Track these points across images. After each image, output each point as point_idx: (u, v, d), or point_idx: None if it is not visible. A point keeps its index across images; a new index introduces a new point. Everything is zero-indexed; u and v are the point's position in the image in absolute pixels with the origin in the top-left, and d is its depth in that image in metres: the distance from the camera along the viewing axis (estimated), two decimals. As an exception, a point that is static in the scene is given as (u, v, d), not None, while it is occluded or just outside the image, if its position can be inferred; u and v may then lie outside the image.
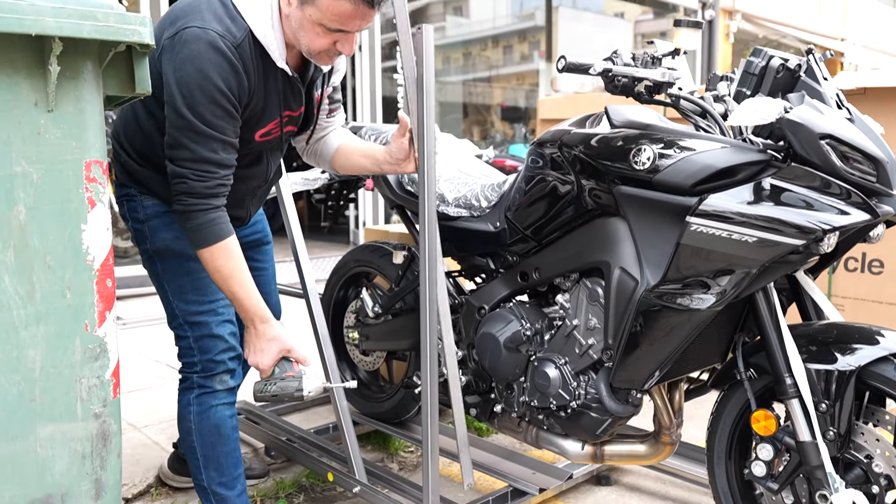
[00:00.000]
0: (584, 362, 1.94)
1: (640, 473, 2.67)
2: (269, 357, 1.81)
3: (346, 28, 1.68)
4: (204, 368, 1.91)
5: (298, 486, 2.59)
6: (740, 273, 1.62)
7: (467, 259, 2.34)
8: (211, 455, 1.90)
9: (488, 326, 2.14)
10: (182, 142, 1.66)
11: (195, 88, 1.62)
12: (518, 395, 2.11)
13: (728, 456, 1.88)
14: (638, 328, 1.77)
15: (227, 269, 1.78)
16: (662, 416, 1.97)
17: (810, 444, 1.62)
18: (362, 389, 2.93)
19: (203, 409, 1.90)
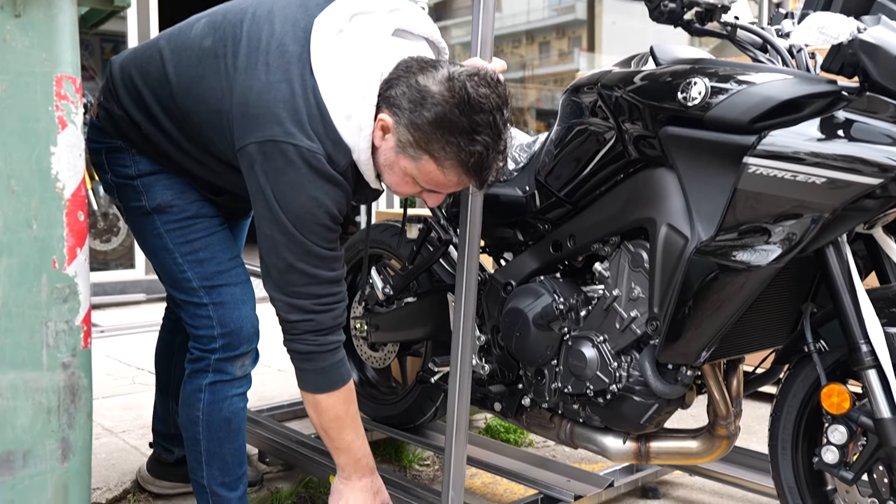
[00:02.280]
0: (625, 339, 1.94)
1: (694, 487, 2.64)
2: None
3: (439, 190, 1.74)
4: (226, 346, 1.88)
5: (297, 497, 2.60)
6: (806, 220, 1.61)
7: (492, 231, 2.35)
8: (217, 451, 1.90)
9: (516, 302, 2.15)
10: (299, 267, 1.69)
11: (306, 214, 1.66)
12: (550, 382, 2.11)
13: (794, 444, 1.86)
14: (688, 293, 1.77)
15: (349, 415, 1.83)
16: (718, 405, 1.96)
17: (890, 420, 1.60)
18: (370, 390, 2.94)
19: (216, 400, 1.89)
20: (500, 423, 3.13)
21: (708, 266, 1.73)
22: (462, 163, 1.63)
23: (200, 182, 1.89)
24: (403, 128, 1.64)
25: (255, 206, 1.70)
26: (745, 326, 1.87)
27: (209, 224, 1.90)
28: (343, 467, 1.87)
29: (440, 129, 1.60)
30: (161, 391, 2.43)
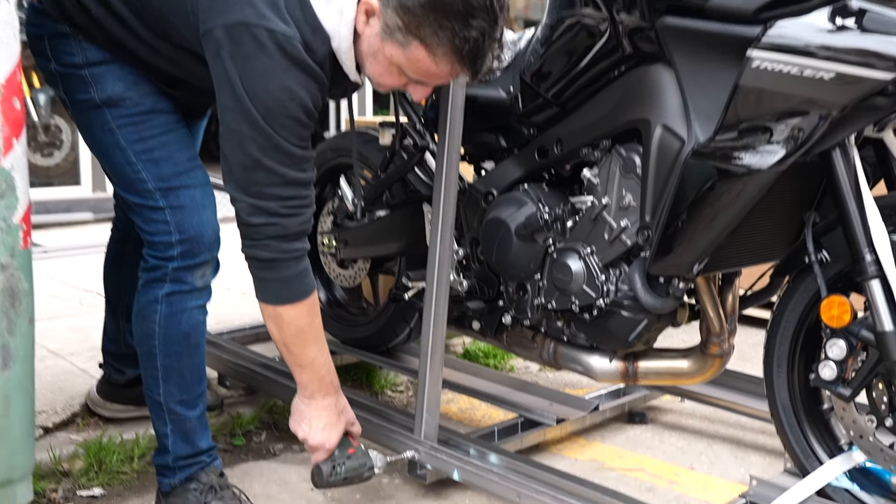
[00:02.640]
0: (614, 250, 1.95)
1: (683, 412, 2.70)
2: (338, 433, 1.90)
3: (427, 81, 1.69)
4: (185, 254, 1.86)
5: (260, 422, 2.63)
6: (813, 119, 1.61)
7: (473, 136, 2.33)
8: (174, 367, 1.90)
9: (497, 212, 2.14)
10: (266, 164, 1.66)
11: (278, 106, 1.63)
12: (532, 298, 2.12)
13: (790, 362, 1.90)
14: (683, 200, 1.77)
15: (312, 329, 1.83)
16: (712, 322, 1.99)
17: (892, 333, 1.63)
18: (339, 311, 2.95)
19: (174, 312, 1.88)
20: (478, 348, 3.17)
21: (705, 170, 1.73)
22: (456, 50, 1.60)
23: (156, 73, 1.85)
24: (391, 11, 1.60)
25: (219, 97, 1.67)
26: (743, 237, 1.88)
27: (165, 120, 1.86)
28: (305, 386, 1.88)
29: (433, 11, 1.56)
30: (111, 307, 2.42)
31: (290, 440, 2.55)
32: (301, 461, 2.35)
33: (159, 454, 1.96)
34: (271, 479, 2.22)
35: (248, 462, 2.36)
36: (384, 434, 2.15)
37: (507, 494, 1.89)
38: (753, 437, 2.50)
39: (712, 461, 2.36)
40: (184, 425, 1.92)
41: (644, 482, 2.23)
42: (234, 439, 2.53)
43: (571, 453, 2.40)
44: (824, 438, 1.90)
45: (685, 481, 2.23)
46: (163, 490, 1.95)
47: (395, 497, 2.14)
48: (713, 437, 2.52)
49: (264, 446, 2.51)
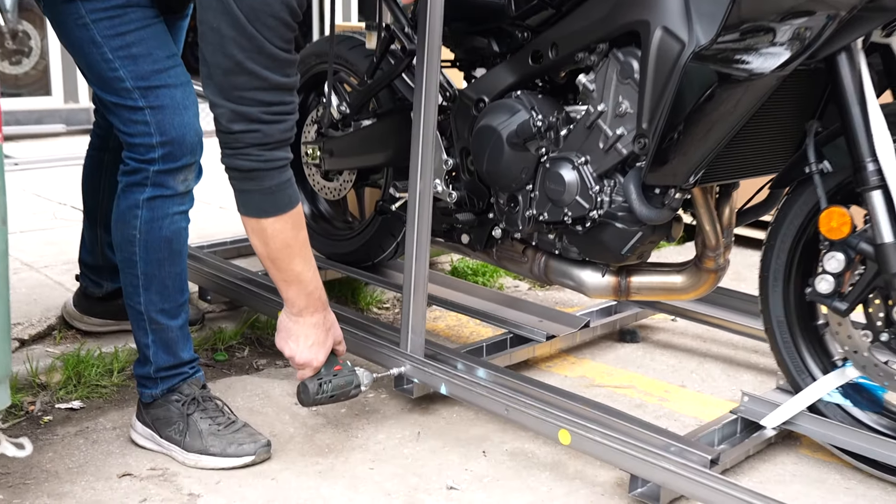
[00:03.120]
0: (610, 160, 1.95)
1: (675, 331, 2.75)
2: (325, 351, 1.91)
3: None
4: (167, 157, 1.85)
5: (242, 338, 2.66)
6: (820, 19, 1.60)
7: (463, 41, 2.31)
8: (156, 275, 1.91)
9: (488, 119, 2.14)
10: (248, 67, 1.64)
11: (261, 5, 1.61)
12: (524, 210, 2.13)
13: (787, 276, 1.92)
14: (681, 107, 1.77)
15: (298, 242, 1.81)
16: (707, 235, 2.01)
17: (892, 245, 1.65)
18: (324, 225, 2.96)
19: (155, 217, 1.88)
20: (466, 265, 3.19)
21: (705, 75, 1.72)
22: None
23: None
24: None
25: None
26: (742, 148, 1.89)
27: (142, 15, 1.82)
28: (292, 302, 1.89)
29: None
30: (89, 218, 2.42)
31: (273, 356, 2.59)
32: (285, 376, 2.39)
33: (140, 365, 1.99)
34: (254, 393, 2.26)
35: (231, 377, 2.40)
36: (370, 349, 2.19)
37: (495, 408, 1.93)
38: (746, 355, 2.55)
39: (703, 379, 2.41)
40: (165, 335, 1.94)
41: (634, 399, 2.28)
42: (217, 354, 2.56)
43: (561, 370, 2.45)
44: (818, 354, 1.94)
45: (676, 398, 2.29)
46: (144, 401, 1.98)
47: (381, 411, 2.19)
48: (705, 355, 2.57)
49: (247, 361, 2.55)
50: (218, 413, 1.97)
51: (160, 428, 1.96)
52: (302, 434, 2.06)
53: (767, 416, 1.92)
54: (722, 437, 1.94)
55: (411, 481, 1.86)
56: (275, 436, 2.03)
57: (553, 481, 1.88)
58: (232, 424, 1.96)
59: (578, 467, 1.94)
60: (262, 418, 2.12)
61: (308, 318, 1.91)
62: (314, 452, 1.98)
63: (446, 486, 1.85)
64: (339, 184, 2.82)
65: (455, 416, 2.17)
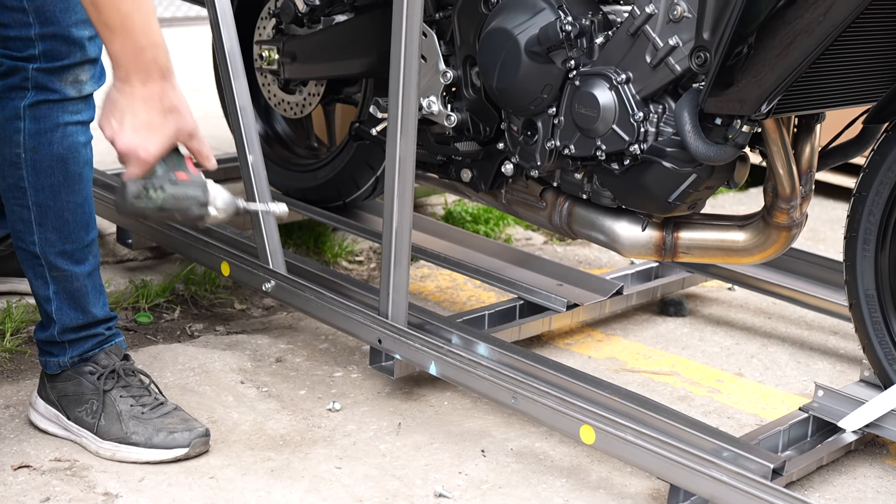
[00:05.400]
0: (659, 78, 1.96)
1: (732, 304, 2.78)
2: (160, 139, 1.71)
3: None
4: (48, 53, 1.85)
5: (172, 296, 2.68)
6: None
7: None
8: (50, 206, 1.92)
9: (502, 19, 2.14)
10: None
11: None
12: (544, 140, 2.14)
13: (881, 238, 1.94)
14: (755, 14, 1.77)
15: None
16: (781, 181, 2.02)
17: None
18: (281, 151, 2.97)
19: (43, 129, 1.89)
20: (465, 209, 3.21)
21: (789, -30, 1.73)
22: None
23: None
24: None
25: None
26: (830, 69, 1.89)
27: None
28: (118, 61, 1.71)
29: None
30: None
31: (212, 319, 2.61)
32: (227, 346, 2.42)
33: (42, 328, 2.00)
34: (188, 366, 2.28)
35: (158, 344, 2.43)
36: (337, 313, 2.20)
37: (499, 395, 1.96)
38: (822, 338, 2.59)
39: (766, 366, 2.45)
40: (70, 285, 1.96)
41: (677, 389, 2.31)
42: (139, 315, 2.59)
43: (584, 349, 2.48)
44: (916, 339, 1.97)
45: (730, 390, 2.32)
46: (49, 372, 2.00)
47: (352, 395, 2.22)
48: (769, 336, 2.60)
49: (178, 326, 2.57)
50: (143, 392, 1.99)
51: (68, 407, 1.97)
52: (250, 421, 2.09)
53: (847, 416, 1.95)
54: (788, 442, 1.97)
55: (389, 486, 1.89)
56: (215, 422, 2.06)
57: (570, 491, 1.91)
58: (160, 407, 1.98)
59: (603, 474, 1.97)
60: (198, 399, 2.14)
61: (138, 88, 1.72)
62: (265, 445, 2.01)
63: (434, 494, 1.88)
64: (304, 98, 2.81)
65: (446, 404, 2.20)
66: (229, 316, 2.66)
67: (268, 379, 2.26)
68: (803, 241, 2.80)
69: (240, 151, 2.33)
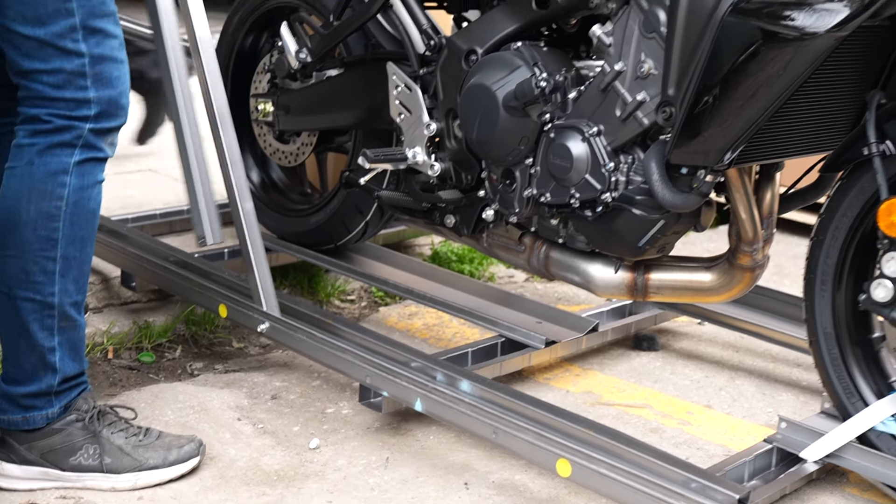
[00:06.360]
0: (628, 131, 1.96)
1: (702, 338, 2.78)
2: None
3: None
4: (103, 115, 1.88)
5: (174, 336, 2.67)
6: (887, -30, 1.61)
7: (452, -24, 2.32)
8: (76, 258, 1.92)
9: (482, 76, 2.14)
10: None
11: None
12: (522, 188, 2.14)
13: (837, 279, 1.94)
14: (717, 70, 1.78)
15: None
16: (744, 225, 2.02)
17: (966, 247, 1.67)
18: (277, 197, 2.97)
19: (86, 185, 1.90)
20: (450, 249, 3.20)
21: (746, 32, 1.74)
22: None
23: None
24: None
25: None
26: (789, 121, 1.90)
27: None
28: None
29: None
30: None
31: (212, 358, 2.60)
32: (226, 384, 2.40)
33: (32, 379, 1.93)
34: (188, 404, 2.27)
35: (160, 383, 2.42)
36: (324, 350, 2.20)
37: (481, 430, 1.95)
38: (786, 370, 2.58)
39: (734, 398, 2.44)
40: (75, 335, 1.95)
41: (650, 421, 2.30)
42: (142, 355, 2.58)
43: (562, 384, 2.47)
44: (872, 374, 1.96)
45: (700, 422, 2.31)
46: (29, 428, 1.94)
47: (342, 431, 2.20)
48: (737, 369, 2.60)
49: (179, 364, 2.56)
50: (127, 425, 2.00)
51: (59, 460, 1.94)
52: (246, 457, 2.07)
53: (809, 447, 1.94)
54: (753, 472, 1.97)
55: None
56: (213, 459, 2.05)
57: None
58: (150, 432, 2.00)
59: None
60: (197, 436, 2.13)
61: None
62: (260, 480, 2.00)
63: (419, 525, 1.87)
64: (297, 147, 2.82)
65: (432, 439, 2.19)
66: (228, 354, 2.65)
67: (263, 416, 2.25)
68: (769, 275, 2.80)
69: (231, 199, 2.34)
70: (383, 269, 2.82)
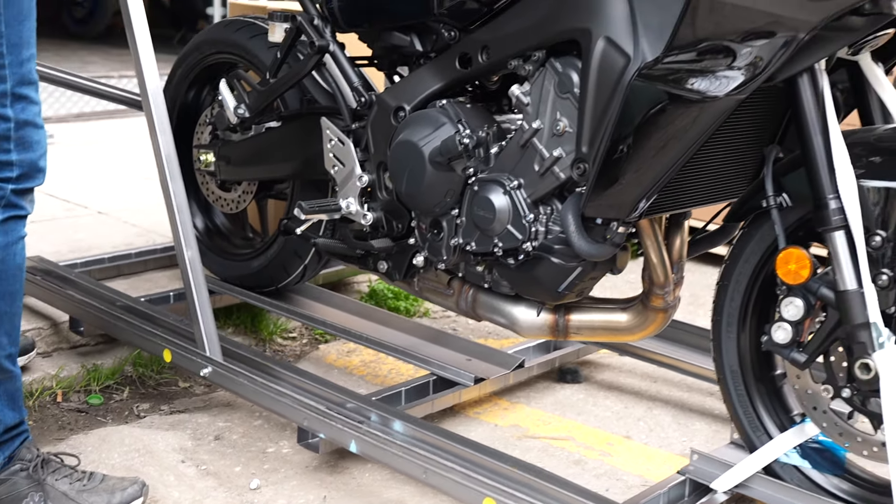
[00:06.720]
0: (546, 185, 1.99)
1: (622, 369, 2.81)
2: None
3: None
4: (24, 176, 1.89)
5: (122, 378, 2.65)
6: (778, 41, 1.66)
7: (382, 37, 2.33)
8: (6, 312, 1.91)
9: (409, 132, 2.16)
10: None
11: None
12: (448, 238, 2.16)
13: (742, 321, 1.98)
14: (626, 129, 1.81)
15: None
16: (655, 270, 2.06)
17: (854, 292, 1.72)
18: (220, 242, 2.96)
19: (10, 242, 1.89)
20: (387, 288, 3.22)
21: (653, 95, 1.77)
22: None
23: None
24: None
25: None
26: (694, 173, 1.95)
27: None
28: None
29: None
30: None
31: (158, 398, 2.58)
32: (170, 426, 2.39)
33: None
34: (133, 447, 2.25)
35: (107, 426, 2.40)
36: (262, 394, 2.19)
37: (412, 471, 1.96)
38: (700, 399, 2.62)
39: (651, 428, 2.47)
40: (12, 385, 1.95)
41: (573, 454, 2.33)
42: (90, 397, 2.56)
43: (491, 418, 2.49)
44: (775, 408, 2.00)
45: (619, 452, 2.34)
46: None
47: (282, 471, 2.20)
48: (654, 399, 2.64)
49: (126, 406, 2.54)
50: (70, 471, 1.99)
51: None
52: (189, 499, 2.07)
53: (719, 478, 1.97)
54: (668, 503, 2.00)
55: (314, 557, 1.89)
56: (157, 501, 2.04)
57: (477, 555, 1.92)
58: (94, 476, 1.99)
59: (507, 537, 1.98)
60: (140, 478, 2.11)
61: None
62: (202, 522, 1.99)
63: (354, 563, 1.88)
64: (238, 195, 2.82)
65: (367, 476, 2.20)
66: (173, 394, 2.64)
67: (206, 457, 2.24)
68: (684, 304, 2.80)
69: (177, 245, 2.34)
70: (322, 309, 2.82)
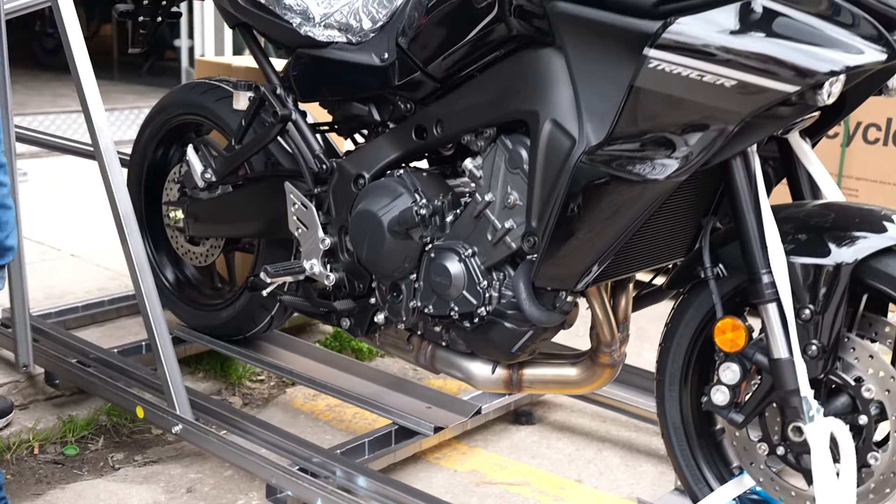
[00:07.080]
0: (498, 253, 2.01)
1: (574, 409, 2.84)
2: None
3: None
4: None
5: (97, 427, 2.64)
6: (712, 130, 1.69)
7: (342, 106, 2.35)
8: None
9: (368, 202, 2.18)
10: None
11: None
12: (407, 300, 2.18)
13: (683, 380, 2.02)
14: (572, 206, 1.84)
15: None
16: (602, 329, 2.09)
17: (786, 361, 1.76)
18: (190, 293, 2.95)
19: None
20: (350, 330, 3.22)
21: (597, 175, 1.80)
22: None
23: None
24: None
25: None
26: (637, 244, 1.97)
27: None
28: None
29: None
30: None
31: (132, 447, 2.58)
32: (144, 478, 2.39)
33: None
34: (108, 502, 2.24)
35: (83, 480, 2.39)
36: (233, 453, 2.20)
37: (376, 527, 1.98)
38: (647, 439, 2.66)
39: (601, 471, 2.51)
40: None
41: (528, 499, 2.36)
42: (66, 448, 2.55)
43: (451, 463, 2.51)
44: (715, 461, 2.04)
45: (572, 497, 2.37)
46: None
47: (252, 523, 2.21)
48: (604, 440, 2.67)
49: (101, 456, 2.53)
50: None
51: None
52: (162, 556, 2.07)
53: (663, 527, 2.01)
54: (617, 552, 2.03)
55: None
56: (131, 560, 2.04)
57: None
58: None
59: (466, 588, 2.00)
60: (116, 537, 2.12)
61: None
62: (175, 581, 1.99)
63: None
64: (207, 249, 2.82)
65: (333, 528, 2.20)
66: (147, 442, 2.63)
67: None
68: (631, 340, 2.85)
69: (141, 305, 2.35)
70: (287, 356, 2.83)
